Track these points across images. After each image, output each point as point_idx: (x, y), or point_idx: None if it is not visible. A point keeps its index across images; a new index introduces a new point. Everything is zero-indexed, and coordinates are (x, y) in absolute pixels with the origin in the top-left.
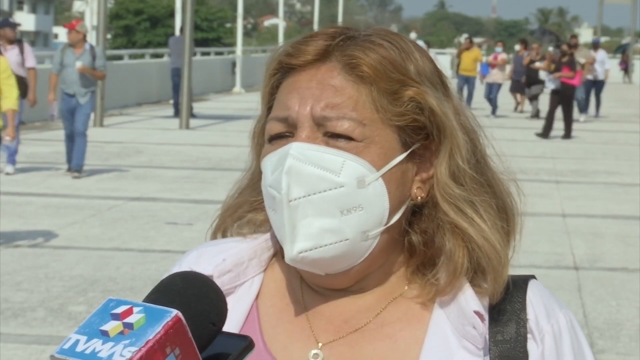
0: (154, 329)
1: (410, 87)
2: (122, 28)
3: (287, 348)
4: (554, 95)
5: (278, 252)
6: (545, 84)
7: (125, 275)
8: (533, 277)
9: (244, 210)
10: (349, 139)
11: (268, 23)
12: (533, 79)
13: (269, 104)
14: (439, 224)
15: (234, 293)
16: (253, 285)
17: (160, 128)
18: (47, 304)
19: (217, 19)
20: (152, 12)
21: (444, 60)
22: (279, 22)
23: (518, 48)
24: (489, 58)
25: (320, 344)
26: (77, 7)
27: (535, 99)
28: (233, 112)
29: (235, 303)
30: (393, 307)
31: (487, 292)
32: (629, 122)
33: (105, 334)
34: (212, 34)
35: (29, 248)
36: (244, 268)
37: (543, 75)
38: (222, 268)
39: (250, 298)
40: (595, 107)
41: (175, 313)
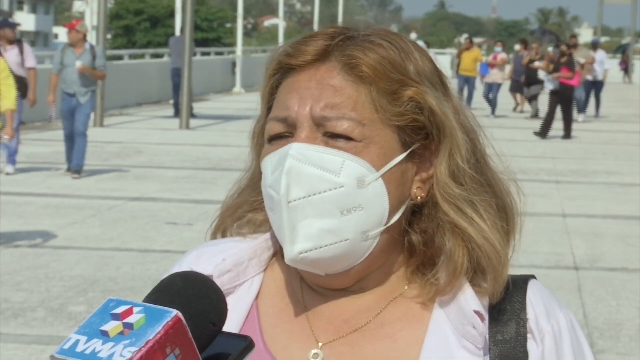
0: (154, 329)
1: (410, 87)
2: (122, 28)
3: (287, 348)
4: (553, 96)
5: (278, 251)
6: (544, 84)
7: (125, 275)
8: (533, 276)
9: (244, 210)
10: (349, 139)
11: (268, 23)
12: (532, 79)
13: (269, 104)
14: (439, 224)
15: (234, 293)
16: (253, 285)
17: (160, 128)
18: (47, 304)
19: (217, 19)
20: (152, 12)
21: (444, 61)
22: (279, 22)
23: (518, 48)
24: (489, 58)
25: (320, 344)
26: (77, 7)
27: (535, 99)
28: (233, 112)
29: (235, 303)
30: (393, 306)
31: (487, 291)
32: (629, 122)
33: (105, 334)
34: (212, 34)
35: (29, 248)
36: (244, 268)
37: (542, 75)
38: (221, 268)
39: (250, 298)
40: (595, 107)
41: (175, 313)
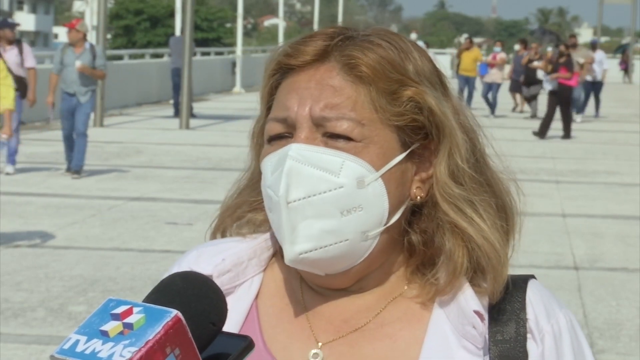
0: (154, 329)
1: (409, 87)
2: (122, 28)
3: (286, 348)
4: (552, 96)
5: (277, 251)
6: (543, 85)
7: (125, 275)
8: (533, 276)
9: (244, 210)
10: (348, 139)
11: (268, 23)
12: (531, 79)
13: (268, 104)
14: (439, 224)
15: (234, 293)
16: (253, 285)
17: (160, 128)
18: (47, 304)
19: (217, 19)
20: (152, 12)
21: (444, 61)
22: (279, 22)
23: (518, 48)
24: (488, 58)
25: (320, 344)
26: (77, 7)
27: (535, 99)
28: (233, 112)
29: (235, 303)
30: (393, 306)
31: (486, 291)
32: (629, 122)
33: (105, 334)
34: (212, 34)
35: (29, 248)
36: (244, 268)
37: (541, 75)
38: (221, 268)
39: (250, 298)
40: (595, 107)
41: (175, 313)
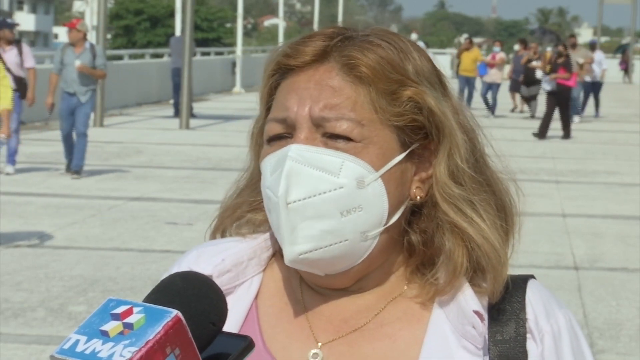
0: (154, 329)
1: (409, 87)
2: (122, 28)
3: (286, 348)
4: (551, 97)
5: (277, 252)
6: (541, 85)
7: (125, 275)
8: (532, 276)
9: (243, 211)
10: (348, 140)
11: (268, 23)
12: (531, 79)
13: (268, 105)
14: (439, 224)
15: (233, 293)
16: (252, 285)
17: (160, 128)
18: (47, 304)
19: (217, 19)
20: (152, 12)
21: (444, 61)
22: (279, 22)
23: (517, 48)
24: (487, 58)
25: (320, 344)
26: (77, 7)
27: (534, 99)
28: (233, 112)
29: (235, 303)
30: (392, 306)
31: (486, 291)
32: (629, 122)
33: (105, 334)
34: (212, 34)
35: (29, 248)
36: (243, 268)
37: (539, 75)
38: (221, 268)
39: (250, 298)
40: (595, 107)
41: (175, 313)
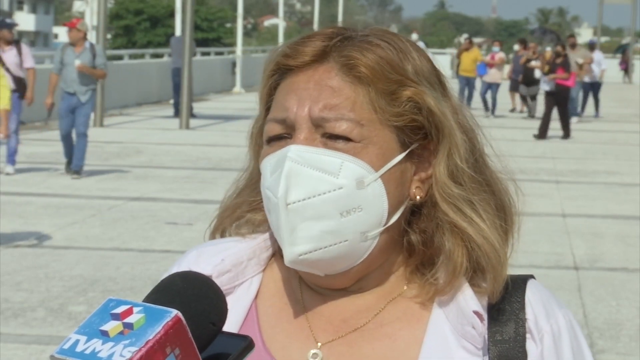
0: (154, 329)
1: (408, 87)
2: (122, 28)
3: (286, 348)
4: (549, 97)
5: (277, 252)
6: (540, 85)
7: (125, 275)
8: (532, 276)
9: (243, 211)
10: (348, 140)
11: (268, 23)
12: (530, 78)
13: (267, 105)
14: (438, 224)
15: (233, 293)
16: (252, 285)
17: (160, 128)
18: (47, 304)
19: (217, 19)
20: (152, 12)
21: (444, 61)
22: (279, 22)
23: (517, 48)
24: (487, 58)
25: (320, 344)
26: (77, 7)
27: (534, 99)
28: (233, 112)
29: (234, 303)
30: (392, 306)
31: (486, 291)
32: (629, 122)
33: (105, 334)
34: (212, 34)
35: (29, 248)
36: (243, 268)
37: (538, 75)
38: (220, 268)
39: (249, 298)
40: (595, 107)
41: (175, 313)
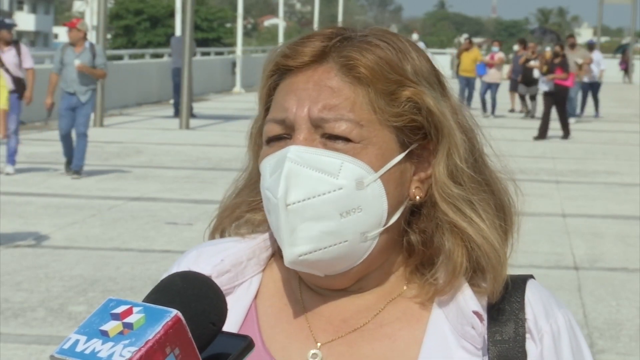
0: (154, 329)
1: (408, 87)
2: (122, 28)
3: (285, 348)
4: (548, 97)
5: (276, 252)
6: (538, 85)
7: (125, 275)
8: (531, 276)
9: (242, 211)
10: (347, 141)
11: (268, 23)
12: (529, 78)
13: (267, 105)
14: (438, 224)
15: (233, 293)
16: (252, 286)
17: (160, 128)
18: (47, 304)
19: (217, 19)
20: (152, 12)
21: (444, 61)
22: (279, 22)
23: (517, 48)
24: (486, 58)
25: (319, 344)
26: (77, 7)
27: (533, 99)
28: (233, 112)
29: (234, 303)
30: (392, 306)
31: (486, 291)
32: (629, 122)
33: (105, 334)
34: (212, 34)
35: (29, 248)
36: (243, 268)
37: (536, 75)
38: (220, 268)
39: (249, 298)
40: (595, 108)
41: (175, 313)
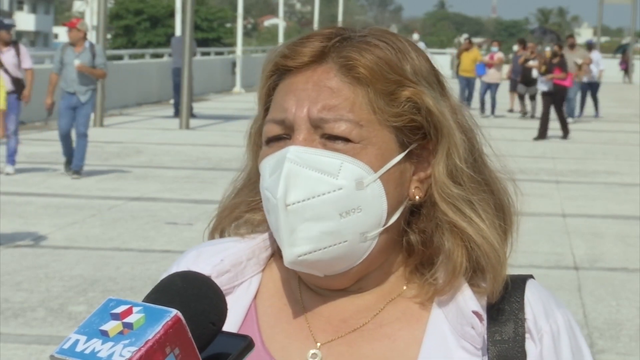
0: (154, 329)
1: (407, 87)
2: (122, 28)
3: (285, 348)
4: (546, 97)
5: (276, 252)
6: (537, 85)
7: (125, 275)
8: (531, 276)
9: (241, 211)
10: (347, 141)
11: (268, 23)
12: (529, 78)
13: (266, 106)
14: (438, 224)
15: (232, 293)
16: (251, 286)
17: (160, 128)
18: (47, 304)
19: (217, 19)
20: (152, 12)
21: (444, 61)
22: (279, 22)
23: (517, 48)
24: (485, 58)
25: (319, 344)
26: (77, 7)
27: (533, 99)
28: (233, 112)
29: (234, 303)
30: (392, 307)
31: (485, 291)
32: (629, 122)
33: (105, 334)
34: (212, 34)
35: (29, 248)
36: (242, 268)
37: (535, 74)
38: (220, 268)
39: (249, 298)
40: (594, 108)
41: (175, 313)
